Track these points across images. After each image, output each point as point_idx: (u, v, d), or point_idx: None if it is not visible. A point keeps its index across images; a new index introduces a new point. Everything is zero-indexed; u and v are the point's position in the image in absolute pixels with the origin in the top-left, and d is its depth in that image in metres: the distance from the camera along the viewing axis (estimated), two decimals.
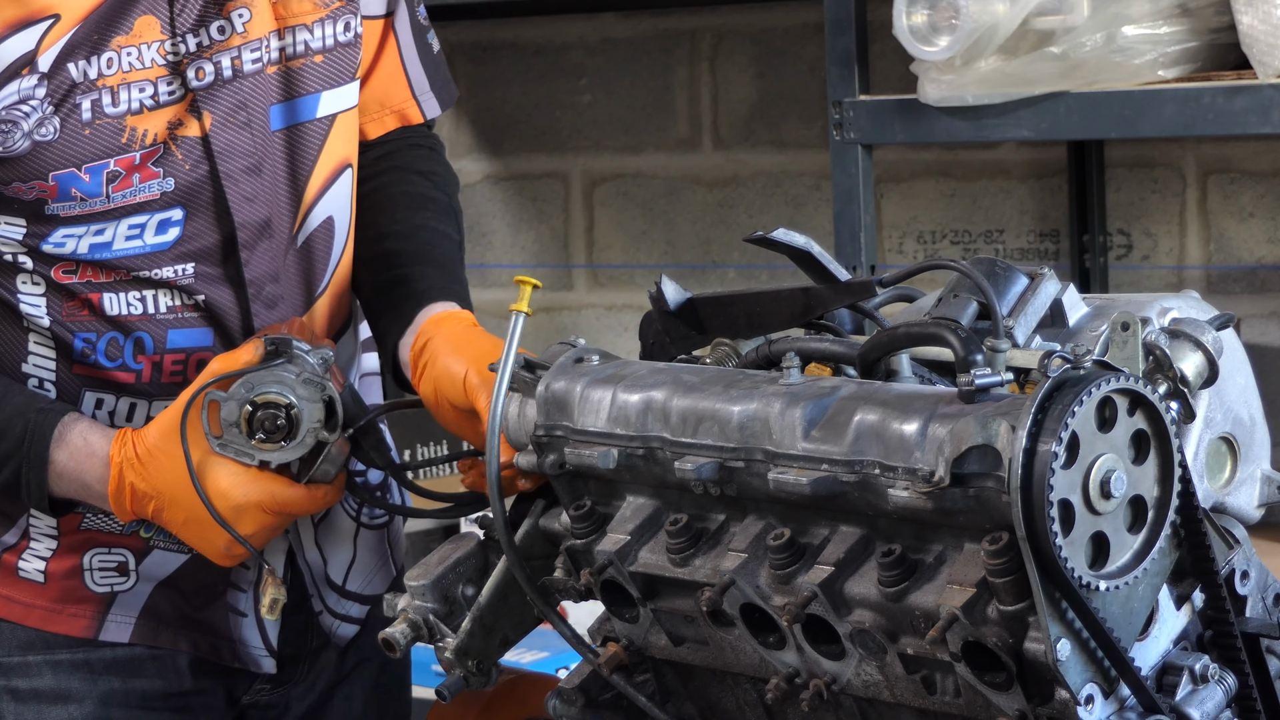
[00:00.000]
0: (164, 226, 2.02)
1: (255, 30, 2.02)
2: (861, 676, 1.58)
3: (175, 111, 2.00)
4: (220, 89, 2.01)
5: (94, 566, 2.11)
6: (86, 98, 1.95)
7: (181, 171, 2.00)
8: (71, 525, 2.09)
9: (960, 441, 1.46)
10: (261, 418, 1.93)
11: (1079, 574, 1.42)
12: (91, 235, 2.00)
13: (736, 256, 4.08)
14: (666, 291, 1.81)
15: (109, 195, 1.98)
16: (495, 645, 1.85)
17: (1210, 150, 3.59)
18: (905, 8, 2.86)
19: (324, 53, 2.08)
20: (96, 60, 1.95)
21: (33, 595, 2.11)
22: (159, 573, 2.11)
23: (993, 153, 3.79)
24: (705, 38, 4.08)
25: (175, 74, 1.99)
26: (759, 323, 1.78)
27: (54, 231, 1.99)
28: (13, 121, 1.93)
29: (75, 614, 2.11)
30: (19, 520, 2.10)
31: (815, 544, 1.58)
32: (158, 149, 1.99)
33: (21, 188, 1.97)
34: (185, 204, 2.02)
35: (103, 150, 1.96)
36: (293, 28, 2.06)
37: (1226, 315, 1.67)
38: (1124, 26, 2.81)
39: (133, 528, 2.09)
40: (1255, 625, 1.60)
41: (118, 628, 2.12)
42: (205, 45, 2.00)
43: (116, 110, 1.96)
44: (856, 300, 1.76)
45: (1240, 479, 1.67)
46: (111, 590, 2.11)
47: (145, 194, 1.99)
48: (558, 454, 1.72)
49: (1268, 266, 3.54)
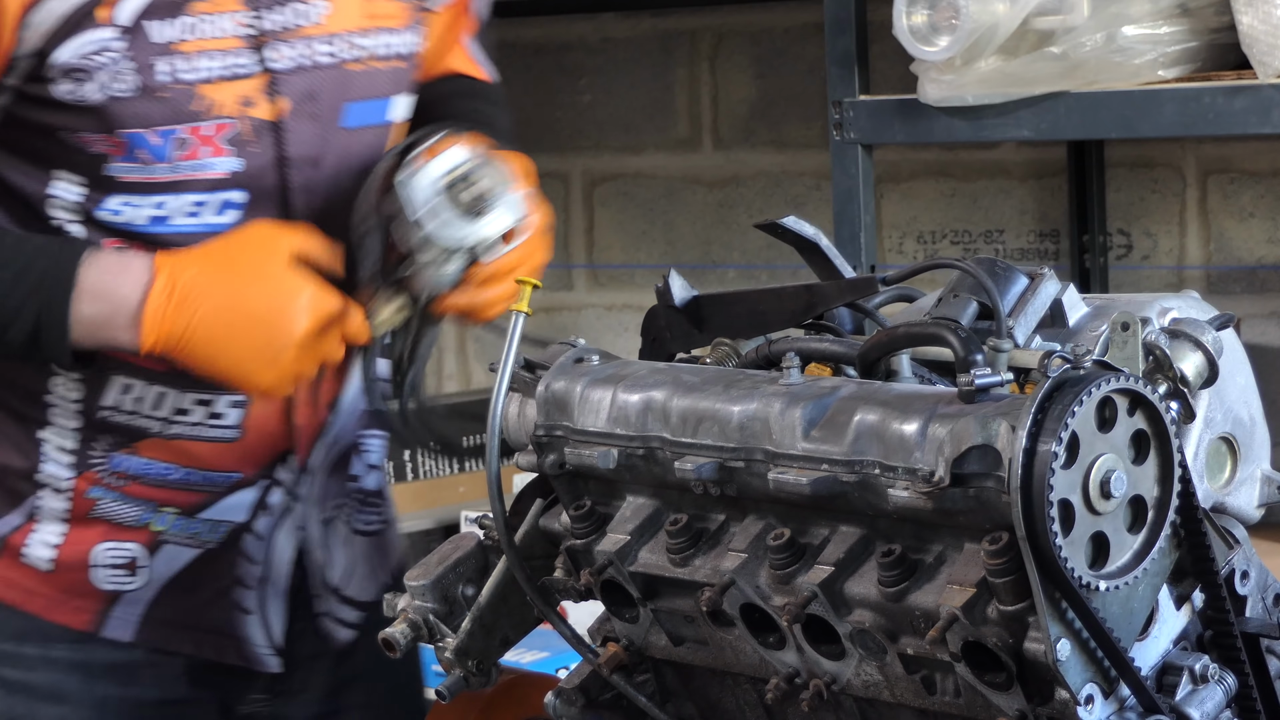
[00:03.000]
0: (225, 208, 2.01)
1: (331, 25, 2.03)
2: (861, 676, 1.58)
3: (249, 88, 1.99)
4: (295, 75, 2.01)
5: (102, 562, 2.08)
6: (163, 59, 1.94)
7: (250, 153, 2.00)
8: (82, 511, 2.06)
9: (960, 441, 1.46)
10: (460, 189, 1.92)
11: (1079, 574, 1.42)
12: (151, 207, 1.98)
13: (736, 256, 4.08)
14: (673, 287, 1.82)
15: (175, 163, 1.97)
16: (495, 645, 1.85)
17: (1210, 150, 3.58)
18: (905, 8, 2.86)
19: (404, 59, 2.11)
20: (174, 23, 1.95)
21: (36, 582, 2.08)
22: (168, 570, 2.09)
23: (993, 153, 3.79)
24: (705, 38, 4.08)
25: (252, 48, 1.99)
26: (762, 321, 1.78)
27: (111, 197, 1.98)
28: (87, 70, 1.92)
29: (79, 607, 2.09)
30: (26, 500, 2.06)
31: (815, 544, 1.58)
32: (228, 125, 1.98)
33: (90, 138, 1.96)
34: (249, 187, 2.01)
35: (174, 115, 1.95)
36: (380, 29, 2.07)
37: (1226, 315, 1.67)
38: (1124, 26, 2.81)
39: (145, 518, 2.05)
40: (1255, 625, 1.60)
41: (121, 625, 2.10)
42: (287, 27, 2.00)
43: (191, 77, 1.96)
44: (860, 297, 1.76)
45: (1240, 479, 1.67)
46: (117, 589, 2.09)
47: (211, 171, 1.99)
48: (558, 454, 1.72)
49: (1268, 266, 3.54)
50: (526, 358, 1.79)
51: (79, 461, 2.05)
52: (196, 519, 2.09)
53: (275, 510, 2.13)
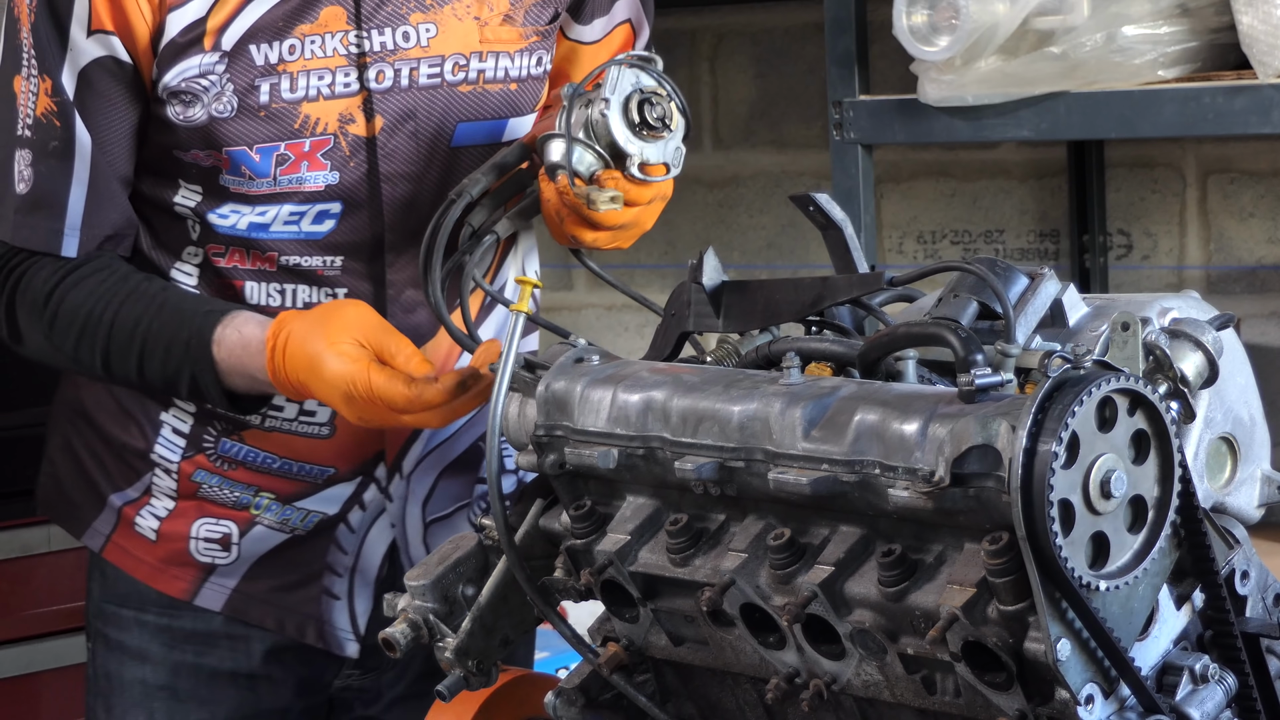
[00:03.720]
0: (321, 217, 2.10)
1: (439, 48, 2.10)
2: (861, 676, 1.58)
3: (348, 105, 2.08)
4: (395, 94, 2.09)
5: (200, 535, 2.22)
6: (265, 81, 2.04)
7: (346, 168, 2.09)
8: (188, 491, 2.20)
9: (960, 441, 1.46)
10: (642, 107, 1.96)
11: (1079, 574, 1.42)
12: (254, 215, 2.09)
13: (736, 257, 4.08)
14: (706, 267, 1.82)
15: (276, 178, 2.07)
16: (495, 645, 1.85)
17: (1210, 150, 3.59)
18: (905, 8, 2.86)
19: (519, 82, 2.16)
20: (279, 45, 2.04)
21: (143, 550, 2.23)
22: (258, 549, 2.22)
23: (993, 153, 3.79)
24: (705, 38, 4.08)
25: (355, 67, 2.07)
26: (775, 311, 1.79)
27: (223, 204, 2.09)
28: (193, 94, 2.04)
29: (177, 575, 2.23)
30: (143, 476, 2.21)
31: (815, 544, 1.58)
32: (327, 140, 2.07)
33: (200, 154, 2.07)
34: (344, 199, 2.10)
35: (275, 134, 2.05)
36: (495, 53, 2.13)
37: (1226, 315, 1.67)
38: (1124, 26, 2.81)
39: (244, 502, 2.18)
40: (1255, 625, 1.60)
41: (213, 595, 2.23)
42: (390, 49, 2.08)
43: (293, 96, 2.05)
44: (868, 291, 1.77)
45: (1240, 479, 1.67)
46: (212, 562, 2.21)
47: (310, 184, 2.08)
48: (558, 454, 1.72)
49: (1268, 266, 3.54)
50: (526, 358, 1.79)
51: (192, 444, 2.19)
52: (290, 506, 2.21)
53: (370, 506, 2.23)
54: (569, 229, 2.01)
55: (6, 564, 3.51)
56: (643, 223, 2.06)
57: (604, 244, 2.05)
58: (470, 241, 1.98)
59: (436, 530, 2.27)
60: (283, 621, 2.24)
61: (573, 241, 2.03)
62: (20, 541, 3.51)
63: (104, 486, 2.24)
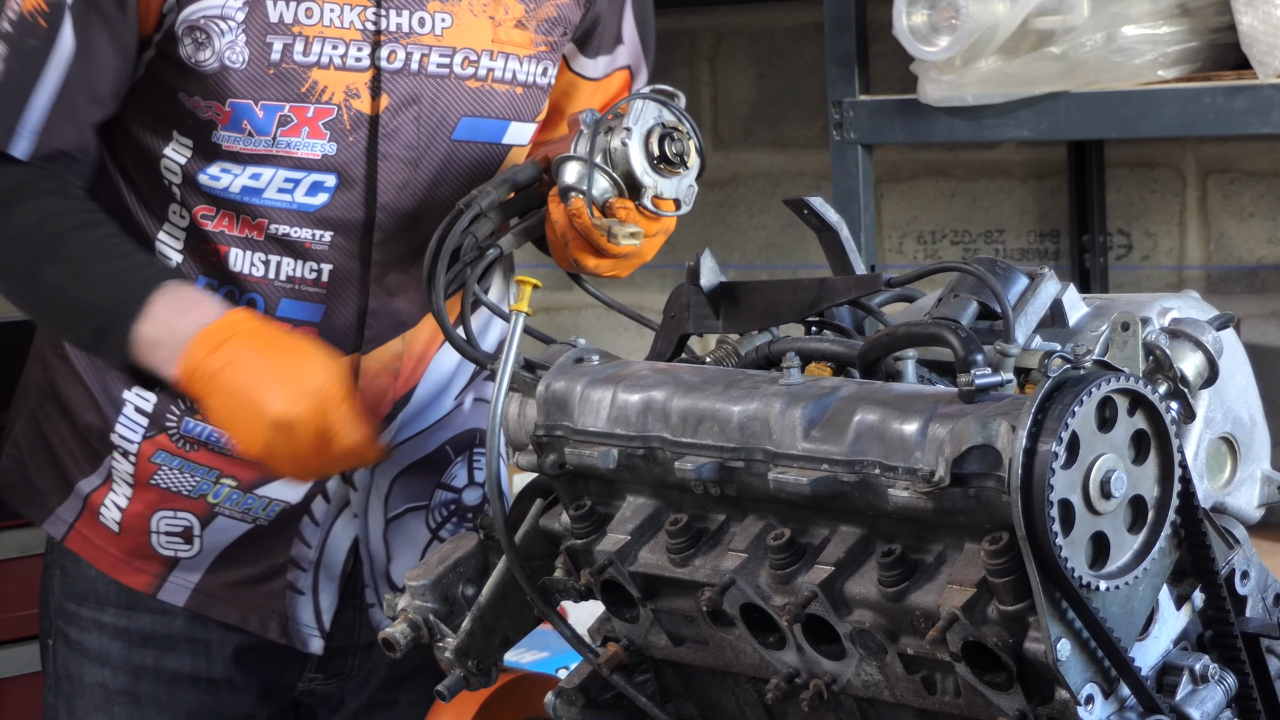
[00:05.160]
0: (315, 189, 2.10)
1: (452, 39, 2.11)
2: (861, 676, 1.58)
3: (357, 80, 2.08)
4: (403, 77, 2.09)
5: (160, 530, 2.19)
6: (279, 39, 2.04)
7: (345, 142, 2.08)
8: (144, 476, 2.17)
9: (960, 441, 1.46)
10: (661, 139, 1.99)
11: (1079, 574, 1.42)
12: (247, 177, 2.08)
13: (736, 257, 4.08)
14: (704, 268, 1.83)
15: (276, 137, 2.06)
16: (495, 645, 1.85)
17: (1210, 150, 3.59)
18: (905, 8, 2.87)
19: (525, 87, 2.17)
20: (295, 6, 2.05)
21: (106, 541, 2.21)
22: (221, 540, 2.19)
23: (993, 153, 3.79)
24: (705, 38, 4.08)
25: (369, 43, 2.08)
26: (774, 312, 1.79)
27: (213, 164, 2.08)
28: (207, 33, 2.03)
29: (140, 569, 2.21)
30: (104, 461, 2.19)
31: (815, 544, 1.58)
32: (330, 110, 2.07)
33: (201, 103, 2.06)
34: (340, 173, 2.09)
35: (281, 94, 2.05)
36: (505, 54, 2.15)
37: (1226, 315, 1.67)
38: (1124, 26, 2.81)
39: (202, 489, 2.16)
40: (1255, 625, 1.60)
41: (175, 590, 2.21)
42: (405, 31, 2.09)
43: (305, 60, 2.06)
44: (866, 292, 1.77)
45: (1240, 479, 1.67)
46: (175, 555, 2.20)
47: (307, 150, 2.08)
48: (558, 454, 1.73)
49: (1268, 266, 3.54)
50: (526, 358, 1.79)
51: (154, 423, 2.16)
52: (251, 494, 2.18)
53: (334, 497, 2.21)
54: (573, 253, 2.02)
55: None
56: (644, 254, 2.08)
57: (604, 271, 2.06)
58: (474, 253, 1.98)
59: (394, 528, 2.25)
60: (246, 617, 2.22)
61: (574, 266, 2.04)
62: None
63: (73, 472, 2.22)
